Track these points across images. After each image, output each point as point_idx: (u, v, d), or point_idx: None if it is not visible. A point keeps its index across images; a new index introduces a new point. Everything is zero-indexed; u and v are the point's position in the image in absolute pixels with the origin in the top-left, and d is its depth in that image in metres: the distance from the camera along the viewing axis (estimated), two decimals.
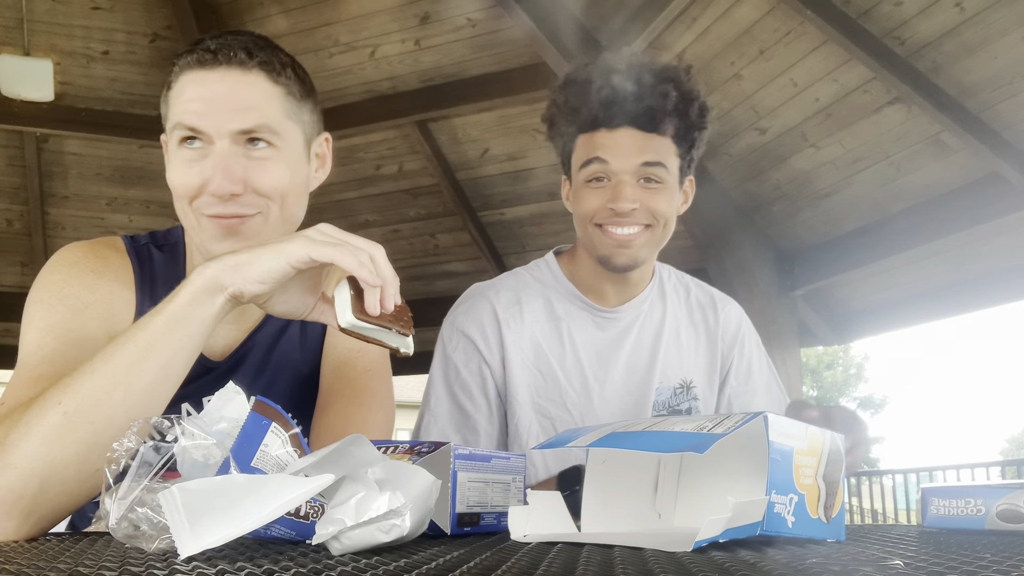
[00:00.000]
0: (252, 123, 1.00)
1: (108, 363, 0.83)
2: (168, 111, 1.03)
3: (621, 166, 1.36)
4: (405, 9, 4.17)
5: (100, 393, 0.81)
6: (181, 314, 0.85)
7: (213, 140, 0.99)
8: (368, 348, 1.17)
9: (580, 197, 1.41)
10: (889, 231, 3.90)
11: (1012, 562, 0.53)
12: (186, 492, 0.58)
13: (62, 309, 1.01)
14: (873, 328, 4.69)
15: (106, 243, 1.13)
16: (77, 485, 0.81)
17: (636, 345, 1.49)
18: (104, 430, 0.80)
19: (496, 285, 1.51)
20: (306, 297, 0.93)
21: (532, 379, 1.44)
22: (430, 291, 5.41)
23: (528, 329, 1.45)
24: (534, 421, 1.43)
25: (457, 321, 1.46)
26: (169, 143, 1.03)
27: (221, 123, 0.99)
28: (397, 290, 0.89)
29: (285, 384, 1.17)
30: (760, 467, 0.67)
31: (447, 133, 4.75)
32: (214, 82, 1.00)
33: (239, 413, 0.74)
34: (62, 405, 0.80)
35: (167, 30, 4.43)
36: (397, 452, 0.85)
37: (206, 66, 1.01)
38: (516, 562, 0.56)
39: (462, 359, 1.43)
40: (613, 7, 3.75)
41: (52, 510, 0.82)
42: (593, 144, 1.39)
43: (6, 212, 5.17)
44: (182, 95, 1.01)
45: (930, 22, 3.14)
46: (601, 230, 1.39)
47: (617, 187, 1.36)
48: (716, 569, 0.52)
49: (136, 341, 0.84)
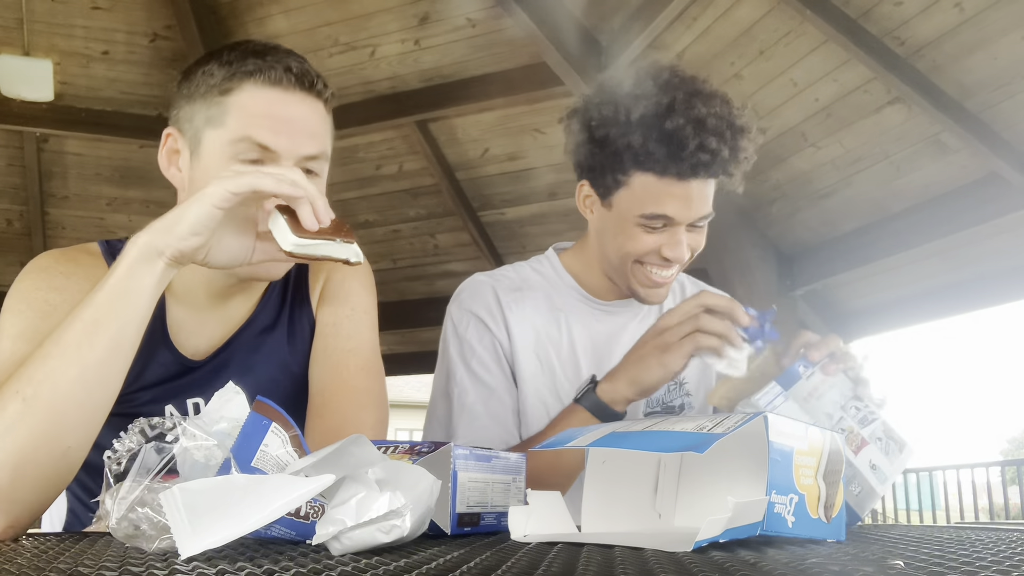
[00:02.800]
0: (318, 149, 1.04)
1: (58, 344, 0.85)
2: (225, 118, 1.01)
3: (684, 220, 1.33)
4: (405, 9, 4.17)
5: (55, 374, 0.83)
6: (121, 286, 0.87)
7: (279, 160, 1.00)
8: (360, 347, 1.17)
9: (630, 236, 1.34)
10: (889, 231, 3.90)
11: (1012, 562, 0.53)
12: (187, 492, 0.58)
13: (31, 314, 1.01)
14: (873, 328, 4.68)
15: (80, 248, 1.13)
16: (52, 465, 0.84)
17: (632, 341, 1.49)
18: (66, 409, 0.84)
19: (496, 274, 1.51)
20: (243, 239, 0.95)
21: (532, 365, 1.44)
22: (430, 291, 5.42)
23: (529, 315, 1.45)
24: (539, 405, 1.43)
25: (464, 303, 1.46)
26: (216, 149, 1.02)
27: (294, 146, 1.01)
28: (326, 203, 0.92)
29: (272, 384, 1.15)
30: (760, 467, 0.67)
31: (447, 133, 4.75)
32: (293, 104, 1.02)
33: (239, 413, 0.74)
34: (19, 393, 0.82)
35: (167, 30, 4.43)
36: (397, 452, 0.85)
37: (284, 87, 1.02)
38: (516, 562, 0.56)
39: (475, 336, 1.43)
40: (613, 7, 3.75)
41: (33, 494, 0.85)
42: (660, 194, 1.30)
43: (6, 212, 5.17)
44: (252, 108, 1.01)
45: (930, 22, 3.14)
46: (642, 268, 1.37)
47: (674, 235, 1.33)
48: (716, 569, 0.52)
49: (82, 318, 0.86)
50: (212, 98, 1.02)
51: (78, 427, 0.86)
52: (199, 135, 1.04)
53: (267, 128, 1.00)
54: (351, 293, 1.20)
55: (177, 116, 1.07)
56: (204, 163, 1.03)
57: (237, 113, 1.01)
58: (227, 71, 1.02)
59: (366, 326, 1.20)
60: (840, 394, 1.10)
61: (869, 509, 1.03)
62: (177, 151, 1.08)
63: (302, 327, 1.19)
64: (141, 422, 0.73)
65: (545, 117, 4.40)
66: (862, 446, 1.04)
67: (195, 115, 1.04)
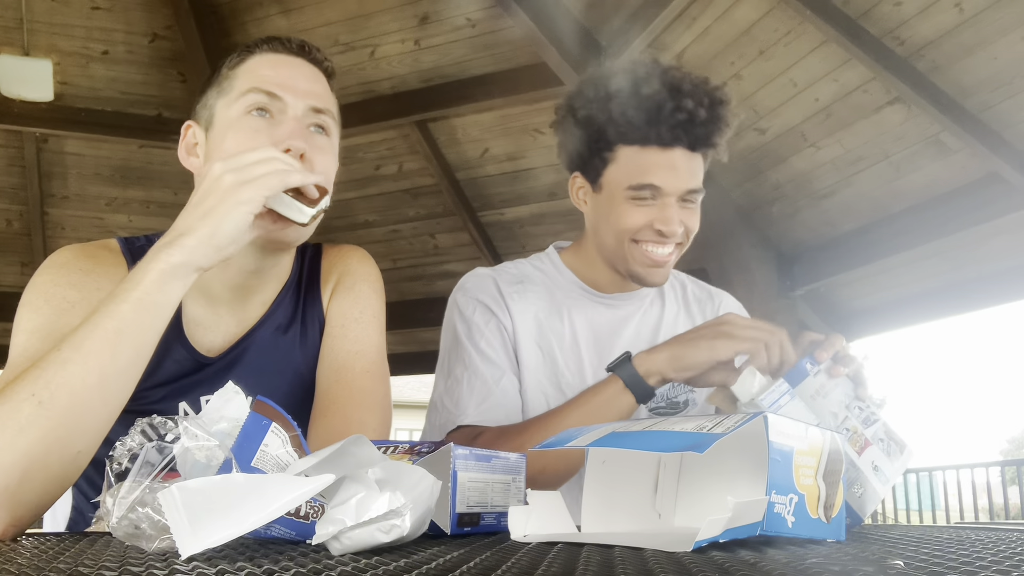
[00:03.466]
0: (323, 104, 1.09)
1: (79, 351, 0.83)
2: (234, 84, 1.07)
3: (672, 190, 1.35)
4: (405, 9, 4.17)
5: (74, 380, 0.82)
6: (149, 300, 0.86)
7: (287, 109, 1.05)
8: (367, 350, 1.18)
9: (622, 212, 1.37)
10: (889, 231, 3.90)
11: (1012, 562, 0.53)
12: (186, 492, 0.58)
13: (48, 310, 1.01)
14: (873, 328, 4.68)
15: (100, 244, 1.13)
16: (61, 469, 0.84)
17: (635, 335, 1.50)
18: (81, 415, 0.83)
19: (496, 268, 1.53)
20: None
21: (534, 355, 1.44)
22: (430, 291, 5.41)
23: (530, 306, 1.45)
24: (539, 395, 1.44)
25: (469, 291, 1.47)
26: (226, 113, 1.07)
27: (298, 95, 1.06)
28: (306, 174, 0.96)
29: (285, 385, 1.16)
30: (760, 467, 0.67)
31: (447, 133, 4.75)
32: (294, 65, 1.10)
33: (239, 413, 0.74)
34: (35, 396, 0.81)
35: (167, 30, 4.43)
36: (397, 452, 0.85)
37: (287, 51, 1.10)
38: (516, 562, 0.56)
39: (482, 320, 1.43)
40: (613, 7, 3.75)
41: (39, 495, 0.84)
42: (645, 164, 1.34)
43: (6, 212, 5.17)
44: (257, 70, 1.08)
45: (929, 22, 3.14)
46: (639, 247, 1.37)
47: (664, 208, 1.35)
48: (716, 569, 0.52)
49: (105, 327, 0.84)
50: (222, 77, 1.10)
51: (90, 432, 0.85)
52: (212, 112, 1.09)
53: (272, 80, 1.06)
54: (360, 296, 1.22)
55: (195, 109, 1.12)
56: (217, 130, 1.07)
57: (244, 76, 1.08)
58: (236, 55, 1.11)
59: (374, 330, 1.21)
60: (844, 393, 1.10)
61: (871, 510, 1.03)
62: (195, 143, 1.11)
63: (314, 328, 1.20)
64: (142, 422, 0.73)
65: (545, 117, 4.40)
66: (865, 447, 1.04)
67: (208, 98, 1.10)
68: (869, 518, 1.06)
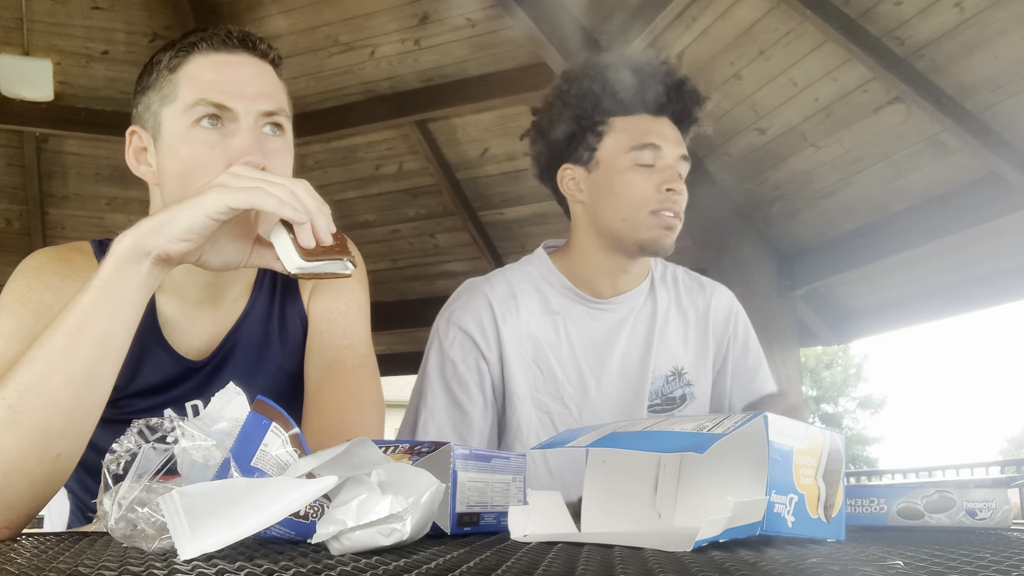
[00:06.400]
0: (275, 105, 1.03)
1: (44, 349, 0.83)
2: (177, 91, 1.01)
3: (670, 154, 1.41)
4: (405, 9, 4.17)
5: (41, 380, 0.82)
6: (107, 287, 0.85)
7: (238, 118, 0.99)
8: (356, 343, 1.16)
9: (627, 181, 1.41)
10: (889, 231, 3.90)
11: (1012, 562, 0.53)
12: (186, 496, 0.58)
13: (26, 314, 1.00)
14: (873, 328, 4.68)
15: (72, 247, 1.12)
16: (42, 472, 0.83)
17: (631, 337, 1.49)
18: (52, 415, 0.82)
19: (491, 280, 1.50)
20: (239, 244, 0.93)
21: (530, 374, 1.44)
22: (430, 291, 5.41)
23: (524, 323, 1.44)
24: (533, 416, 1.43)
25: (454, 317, 1.45)
26: (175, 125, 1.01)
27: (250, 102, 1.00)
28: (329, 218, 0.88)
29: (272, 383, 1.14)
30: (760, 467, 0.67)
31: (447, 133, 4.74)
32: (238, 64, 1.03)
33: (239, 413, 0.74)
34: (5, 400, 0.81)
35: (167, 30, 4.42)
36: (396, 452, 0.85)
37: (228, 50, 1.03)
38: (516, 562, 0.56)
39: (459, 355, 1.42)
40: (613, 7, 3.75)
41: (25, 500, 0.83)
42: (642, 128, 1.42)
43: (6, 212, 5.17)
44: (200, 75, 1.01)
45: (930, 22, 3.14)
46: (656, 216, 1.40)
47: (666, 169, 1.40)
48: (716, 569, 0.52)
49: (67, 322, 0.84)
50: (163, 80, 1.03)
51: (66, 433, 0.84)
52: (158, 120, 1.03)
53: (218, 89, 1.00)
54: (344, 288, 1.19)
55: (137, 112, 1.07)
56: (167, 142, 1.02)
57: (187, 83, 1.01)
58: (172, 52, 1.04)
59: (361, 321, 1.19)
60: None
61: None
62: (144, 148, 1.07)
63: (294, 323, 1.18)
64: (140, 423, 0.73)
65: None
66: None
67: (151, 103, 1.04)
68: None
